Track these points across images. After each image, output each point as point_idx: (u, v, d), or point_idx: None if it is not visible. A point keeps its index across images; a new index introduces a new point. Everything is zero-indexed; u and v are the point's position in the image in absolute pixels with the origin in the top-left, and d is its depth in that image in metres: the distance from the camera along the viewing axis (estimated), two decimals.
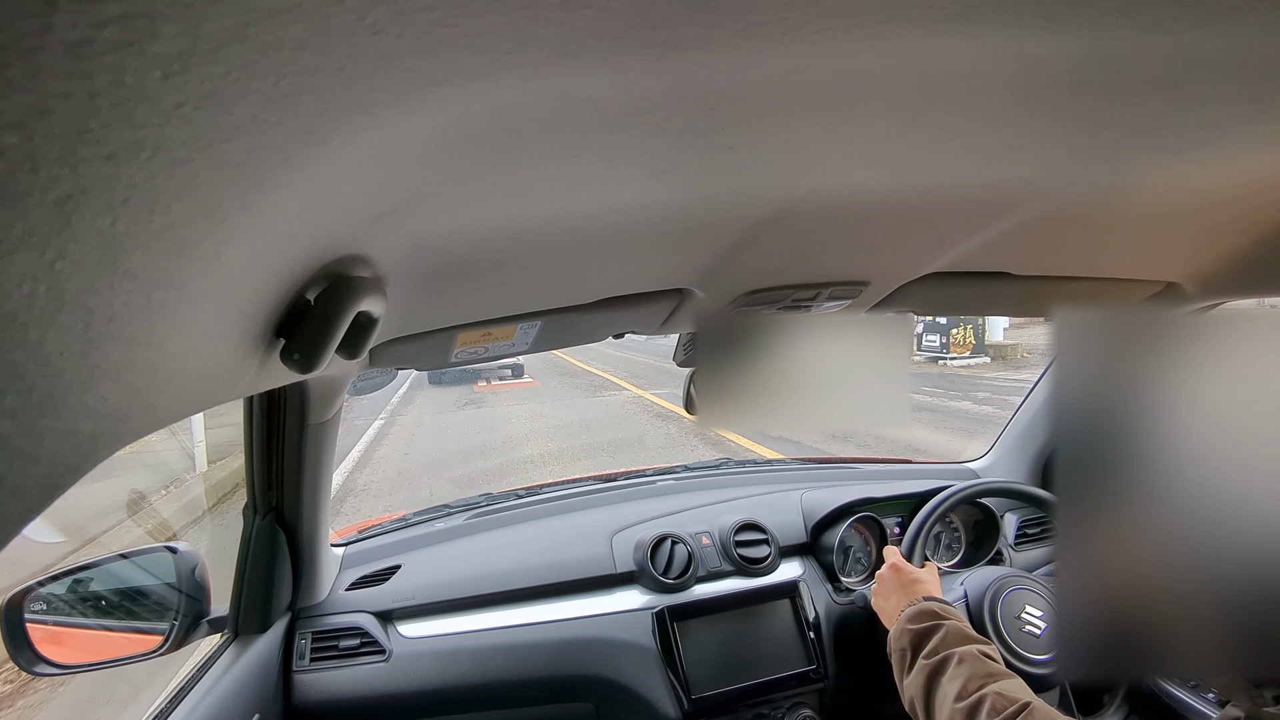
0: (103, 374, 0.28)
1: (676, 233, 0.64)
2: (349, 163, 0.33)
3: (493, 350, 0.89)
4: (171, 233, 0.27)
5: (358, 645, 1.15)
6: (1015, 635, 1.08)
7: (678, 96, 0.36)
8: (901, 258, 0.83)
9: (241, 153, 0.26)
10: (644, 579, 1.27)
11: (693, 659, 1.19)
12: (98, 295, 0.25)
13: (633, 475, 1.71)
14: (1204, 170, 0.57)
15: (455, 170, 0.41)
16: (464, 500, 1.59)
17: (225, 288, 0.35)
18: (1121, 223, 0.73)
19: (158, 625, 0.94)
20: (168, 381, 0.35)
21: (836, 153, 0.49)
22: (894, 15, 0.30)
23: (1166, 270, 0.94)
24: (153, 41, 0.19)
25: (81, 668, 0.88)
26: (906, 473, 1.73)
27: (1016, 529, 1.47)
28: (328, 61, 0.24)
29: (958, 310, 1.11)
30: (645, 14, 0.27)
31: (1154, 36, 0.34)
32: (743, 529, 1.35)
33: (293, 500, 1.06)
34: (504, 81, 0.30)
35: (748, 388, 1.01)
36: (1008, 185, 0.60)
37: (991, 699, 0.73)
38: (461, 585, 1.24)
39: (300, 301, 0.45)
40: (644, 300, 0.86)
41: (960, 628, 0.88)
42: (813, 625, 1.26)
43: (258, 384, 0.51)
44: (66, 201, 0.21)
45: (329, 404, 1.00)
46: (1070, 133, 0.48)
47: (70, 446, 0.28)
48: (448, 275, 0.63)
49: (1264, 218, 0.73)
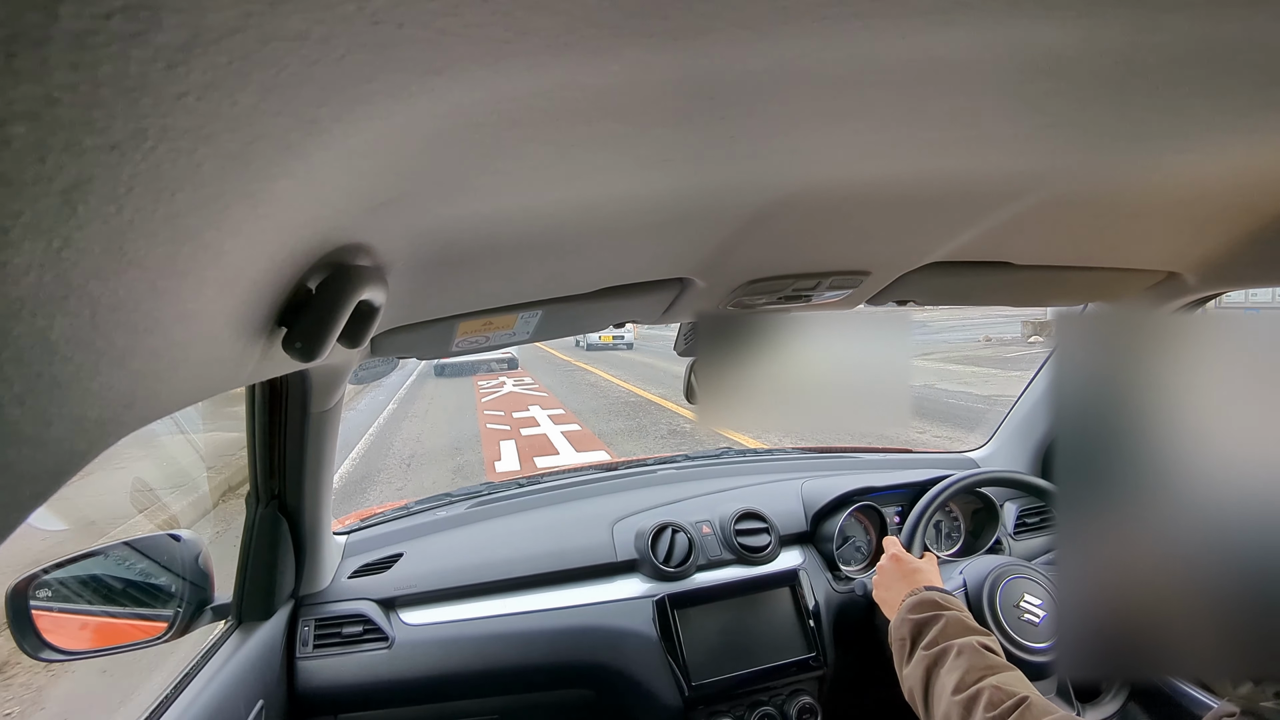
0: (108, 361, 0.28)
1: (676, 222, 0.64)
2: (350, 152, 0.33)
3: (493, 339, 0.89)
4: (175, 221, 0.27)
5: (360, 632, 1.16)
6: (1014, 624, 1.09)
7: (677, 86, 0.36)
8: (902, 247, 0.82)
9: (244, 142, 0.26)
10: (645, 567, 1.28)
11: (693, 646, 1.20)
12: (103, 283, 0.25)
13: (633, 464, 1.72)
14: (1205, 160, 0.57)
15: (455, 159, 0.41)
16: (465, 489, 1.60)
17: (228, 276, 0.35)
18: (1123, 212, 0.73)
19: (162, 612, 0.95)
20: (172, 369, 0.35)
21: (837, 142, 0.49)
22: (894, 4, 0.30)
23: (1168, 260, 0.94)
24: (156, 32, 0.19)
25: (87, 654, 0.88)
26: (906, 462, 1.74)
27: (1016, 518, 1.47)
28: (329, 51, 0.24)
29: (959, 300, 1.11)
30: (644, 3, 0.27)
31: (1153, 26, 0.34)
32: (743, 518, 1.36)
33: (295, 488, 1.07)
34: (504, 71, 0.30)
35: (747, 378, 1.01)
36: (1008, 175, 0.60)
37: (989, 692, 0.73)
38: (463, 573, 1.25)
39: (302, 290, 0.46)
40: (644, 289, 0.86)
41: (960, 618, 0.88)
42: (812, 613, 1.27)
43: (260, 372, 0.51)
44: (72, 190, 0.21)
45: (331, 393, 1.01)
46: (1071, 122, 0.48)
47: (77, 432, 0.28)
48: (448, 264, 0.63)
49: (1265, 208, 0.73)
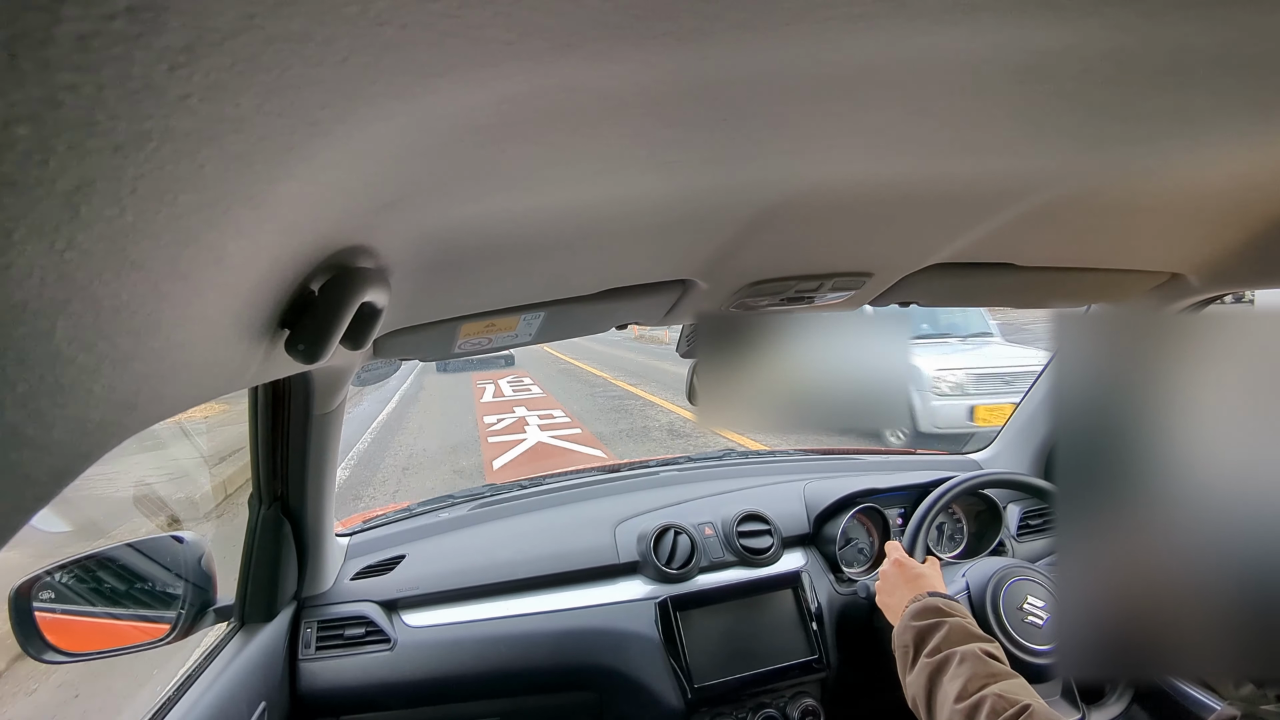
0: (111, 363, 0.28)
1: (679, 224, 0.64)
2: (352, 154, 0.33)
3: (496, 341, 0.89)
4: (178, 223, 0.27)
5: (363, 634, 1.15)
6: (1018, 626, 1.08)
7: (680, 87, 0.36)
8: (905, 249, 0.82)
9: (246, 144, 0.26)
10: (647, 569, 1.28)
11: (695, 648, 1.20)
12: (106, 285, 0.25)
13: (636, 466, 1.72)
14: (1209, 161, 0.57)
15: (458, 161, 0.41)
16: (468, 490, 1.60)
17: (231, 278, 0.35)
18: (1126, 213, 0.73)
19: (165, 614, 0.95)
20: (174, 371, 0.35)
21: (839, 143, 0.49)
22: (898, 5, 0.30)
23: (1171, 261, 0.93)
24: (159, 34, 0.19)
25: (89, 656, 0.88)
26: (909, 463, 1.73)
27: (1019, 520, 1.46)
28: (332, 53, 0.24)
29: (961, 301, 1.11)
30: (648, 4, 0.27)
31: (1158, 27, 0.34)
32: (745, 519, 1.35)
33: (298, 490, 1.07)
34: (507, 72, 0.30)
35: (748, 381, 1.01)
36: (1012, 176, 0.59)
37: (992, 700, 0.73)
38: (466, 575, 1.25)
39: (305, 292, 0.45)
40: (647, 291, 0.86)
41: (963, 625, 0.88)
42: (815, 615, 1.27)
43: (263, 374, 0.51)
44: (75, 192, 0.21)
45: (333, 395, 1.01)
46: (1075, 123, 0.48)
47: (79, 435, 0.28)
48: (451, 266, 0.63)
49: (1270, 209, 0.73)
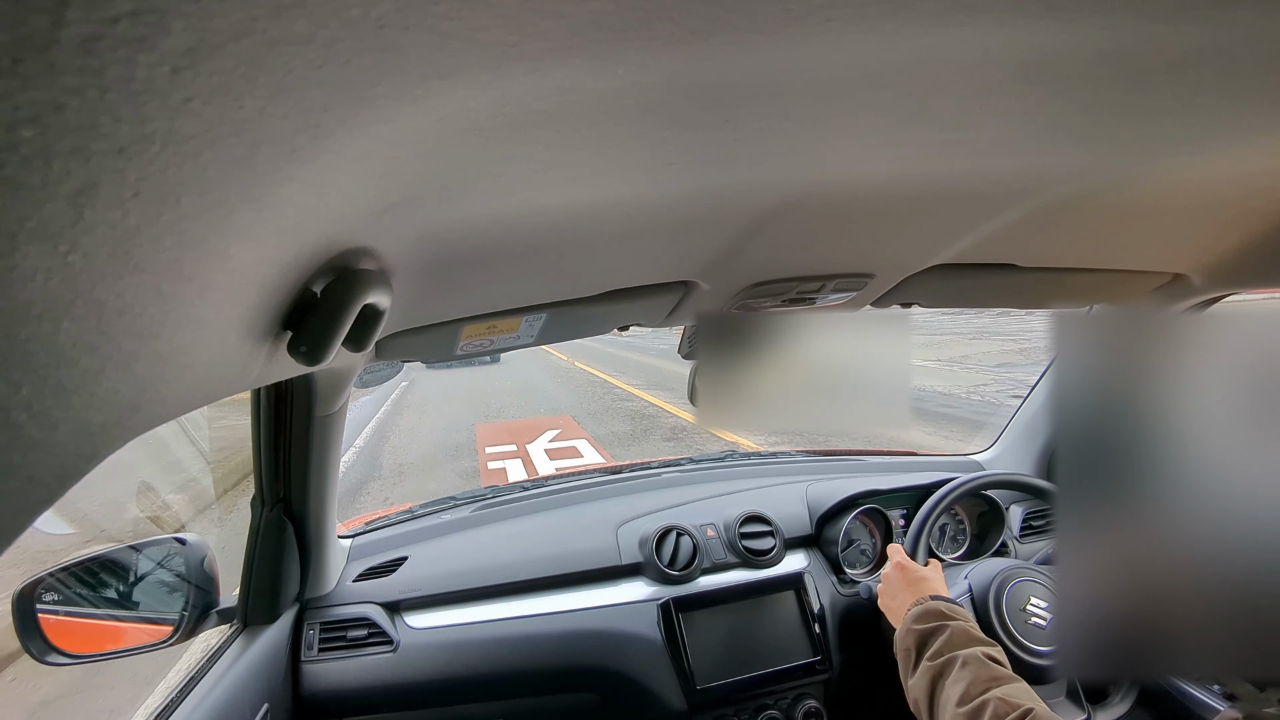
0: (114, 365, 0.28)
1: (681, 225, 0.64)
2: (354, 156, 0.33)
3: (498, 342, 0.89)
4: (181, 225, 0.27)
5: (365, 636, 1.16)
6: (1021, 627, 1.08)
7: (682, 89, 0.36)
8: (907, 250, 0.82)
9: (249, 146, 0.26)
10: (649, 570, 1.28)
11: (698, 650, 1.19)
12: (109, 287, 0.25)
13: (638, 467, 1.72)
14: (1211, 161, 0.57)
15: (460, 163, 0.41)
16: (470, 492, 1.60)
17: (233, 280, 0.35)
18: (1129, 214, 0.73)
19: (168, 616, 0.95)
20: (177, 373, 0.35)
21: (841, 145, 0.49)
22: (899, 6, 0.30)
23: (1174, 261, 0.93)
24: (163, 36, 0.19)
25: (92, 657, 0.88)
26: (911, 465, 1.73)
27: (1021, 521, 1.46)
28: (334, 55, 0.24)
29: (964, 302, 1.10)
30: (649, 6, 0.27)
31: (1159, 27, 0.34)
32: (748, 521, 1.35)
33: (300, 492, 1.07)
34: (508, 74, 0.30)
35: (748, 383, 1.01)
36: (1014, 177, 0.59)
37: (994, 704, 0.73)
38: (468, 577, 1.25)
39: (307, 294, 0.46)
40: (649, 292, 0.86)
41: (966, 628, 0.88)
42: (817, 617, 1.27)
43: (265, 376, 0.51)
44: (79, 195, 0.21)
45: (336, 396, 1.01)
46: (1077, 124, 0.48)
47: (83, 437, 0.28)
48: (453, 268, 0.63)
49: (1273, 209, 0.72)
